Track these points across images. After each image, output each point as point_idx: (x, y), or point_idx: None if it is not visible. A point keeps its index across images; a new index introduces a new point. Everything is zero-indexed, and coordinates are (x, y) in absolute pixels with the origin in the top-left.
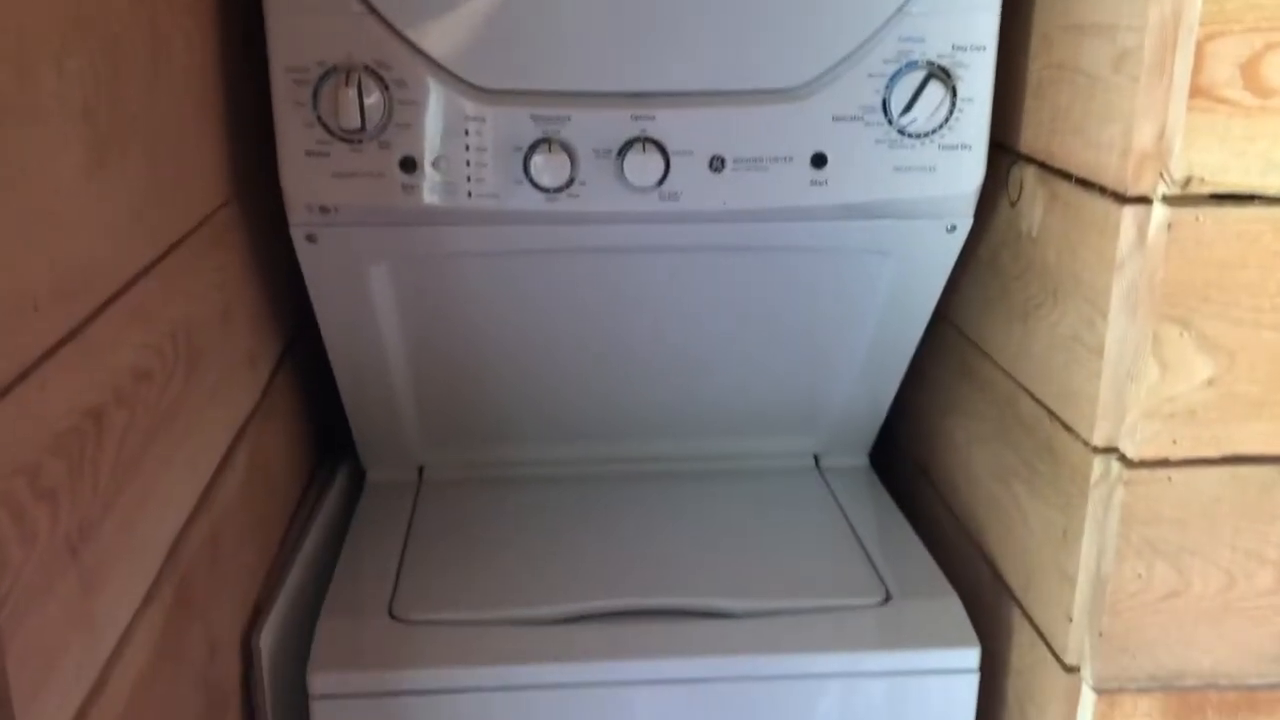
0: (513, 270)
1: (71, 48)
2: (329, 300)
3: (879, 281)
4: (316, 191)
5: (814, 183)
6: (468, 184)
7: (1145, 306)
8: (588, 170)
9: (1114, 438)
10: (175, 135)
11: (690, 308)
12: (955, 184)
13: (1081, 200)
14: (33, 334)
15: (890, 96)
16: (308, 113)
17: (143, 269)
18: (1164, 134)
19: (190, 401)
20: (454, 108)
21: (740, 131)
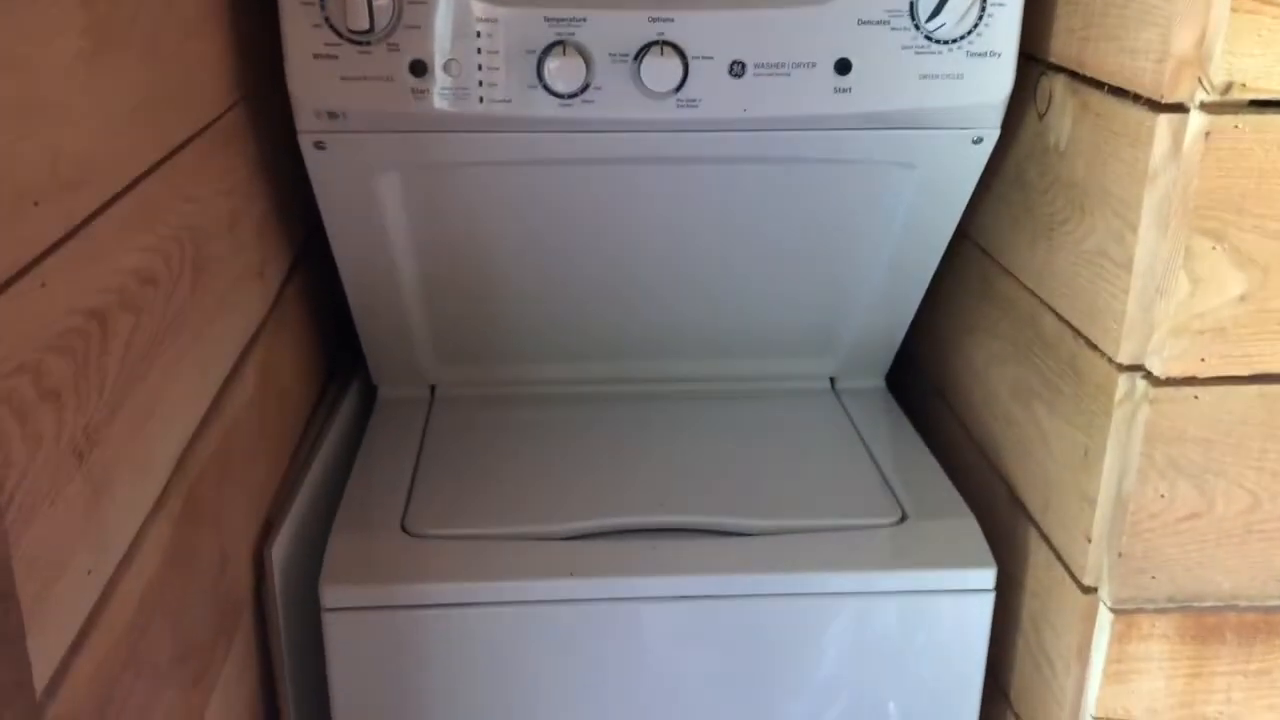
0: (526, 181)
1: None
2: (338, 211)
3: (901, 195)
4: (325, 96)
5: (837, 90)
6: (479, 89)
7: (1178, 219)
8: (603, 75)
9: (1140, 355)
10: (179, 32)
11: (708, 223)
12: (983, 93)
13: (1114, 110)
14: (32, 229)
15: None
16: (315, 13)
17: (146, 169)
18: (1204, 38)
19: (198, 309)
20: (465, 9)
21: (762, 35)
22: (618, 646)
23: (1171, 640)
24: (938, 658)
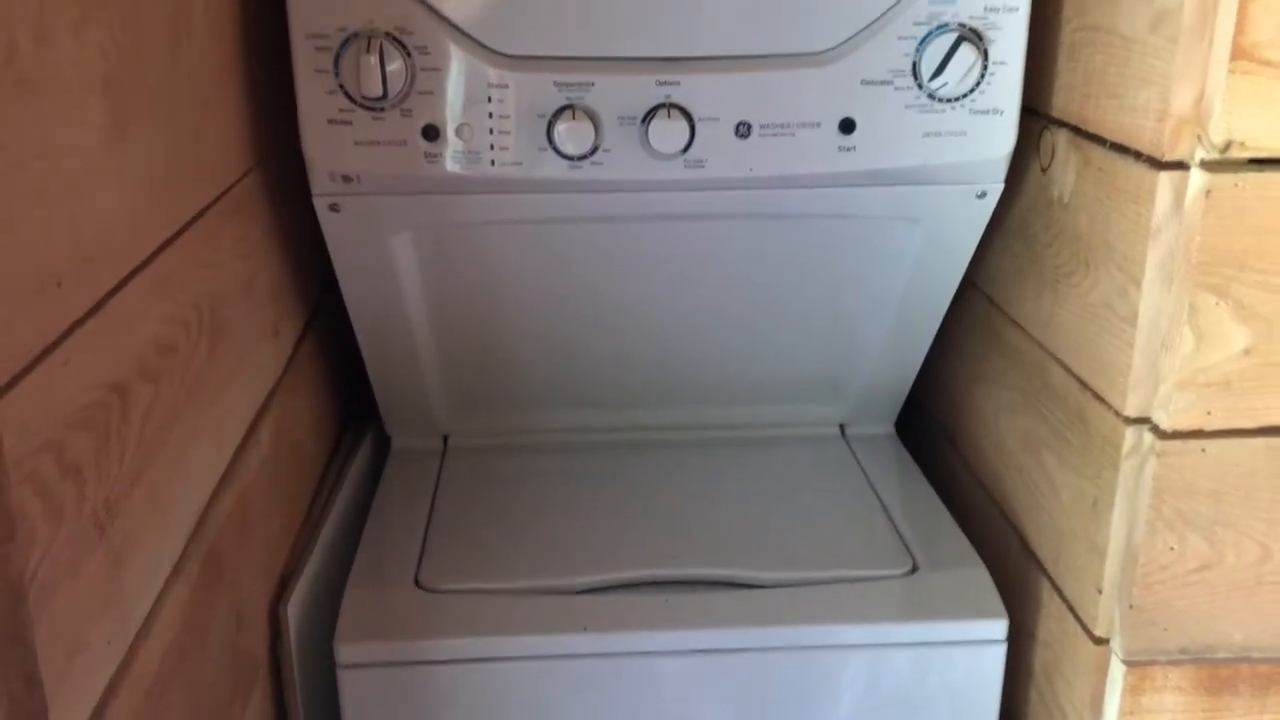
0: (536, 237)
1: (91, 18)
2: (352, 269)
3: (907, 248)
4: (339, 160)
5: (842, 148)
6: (491, 152)
7: (1181, 274)
8: (612, 137)
9: (1147, 408)
10: (196, 104)
11: (716, 276)
12: (986, 149)
13: (1116, 165)
14: (56, 310)
15: (920, 60)
16: (329, 80)
17: (165, 241)
18: (1203, 97)
19: (215, 373)
20: (476, 74)
21: (767, 97)
22: (632, 700)
23: (1185, 692)
24: (951, 709)
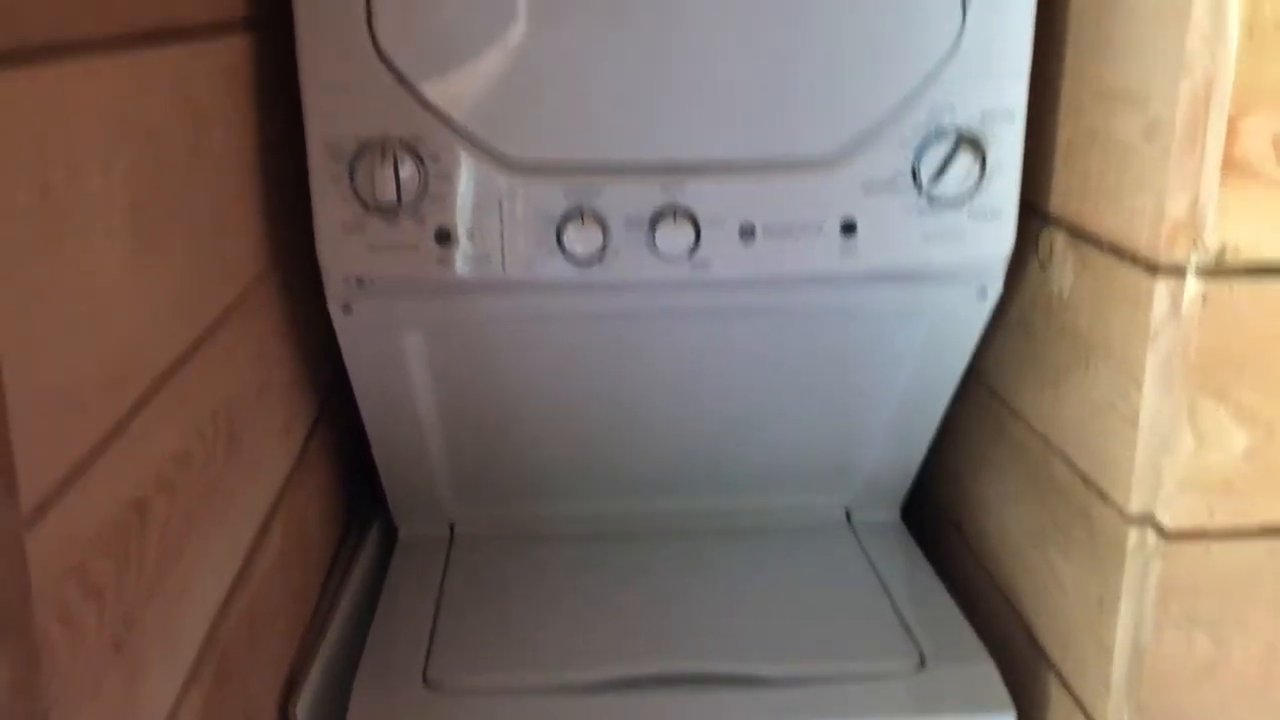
0: (544, 334)
1: (118, 148)
2: (364, 367)
3: (909, 343)
4: (353, 264)
5: (844, 250)
6: (501, 254)
7: (1180, 378)
8: (619, 240)
9: (1150, 507)
10: (214, 216)
11: (720, 368)
12: (985, 250)
13: (1113, 267)
14: (81, 435)
15: (920, 165)
16: (344, 187)
17: (183, 353)
18: (1196, 206)
19: (229, 478)
20: (488, 180)
21: (770, 200)
22: None
23: None
24: None
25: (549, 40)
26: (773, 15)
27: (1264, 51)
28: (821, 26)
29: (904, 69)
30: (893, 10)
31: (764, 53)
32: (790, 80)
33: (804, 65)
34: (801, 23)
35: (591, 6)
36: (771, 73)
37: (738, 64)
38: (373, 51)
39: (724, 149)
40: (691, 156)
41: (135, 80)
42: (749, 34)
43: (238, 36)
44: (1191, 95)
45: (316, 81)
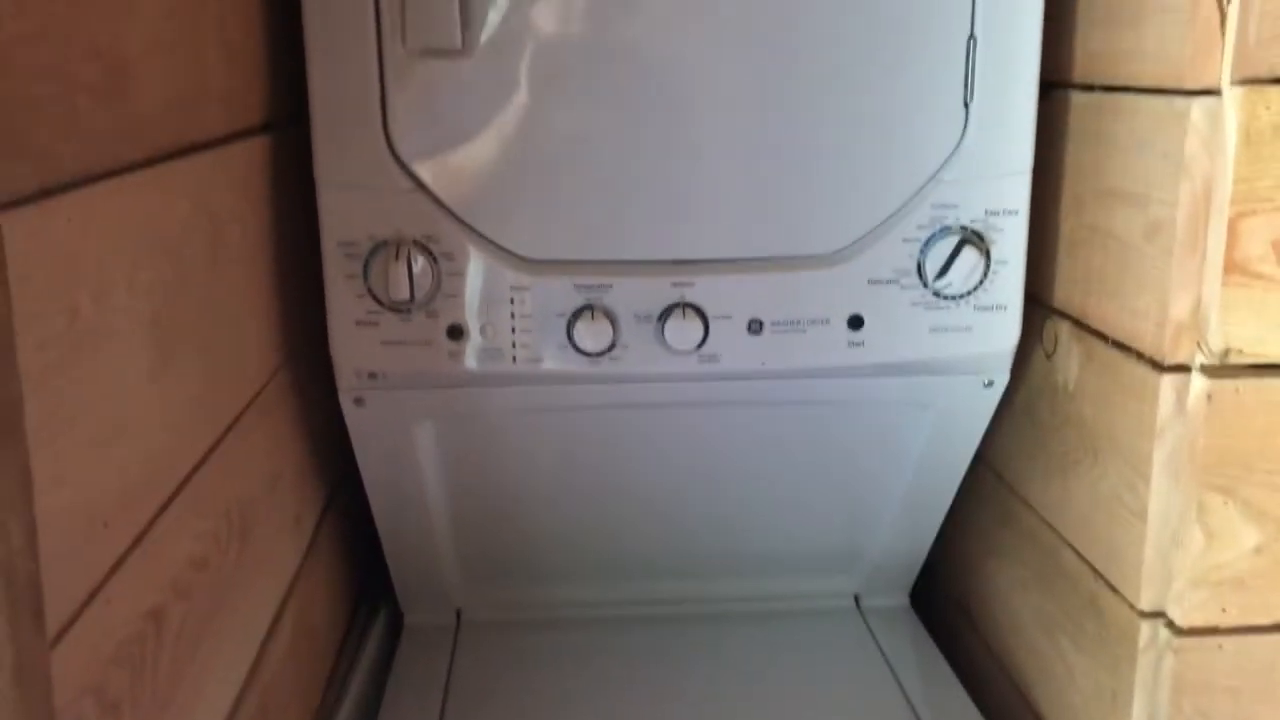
0: (554, 424)
1: (142, 262)
2: (374, 458)
3: (916, 432)
4: (366, 359)
5: (851, 344)
6: (512, 349)
7: (1187, 474)
8: (629, 335)
9: (1161, 602)
10: (231, 319)
11: (729, 456)
12: (991, 343)
13: (1118, 362)
14: (103, 552)
15: (925, 260)
16: (358, 284)
17: (201, 458)
18: (1199, 306)
19: (241, 575)
20: (500, 278)
21: (778, 295)
22: None
23: None
24: None
25: (560, 142)
26: (779, 117)
27: (1261, 157)
28: (827, 127)
29: (908, 169)
30: (897, 111)
31: (771, 153)
32: (797, 179)
33: (810, 165)
34: (808, 124)
35: (601, 109)
36: (778, 172)
37: (745, 164)
38: (388, 154)
39: (732, 246)
40: (700, 254)
41: (158, 194)
42: (756, 135)
43: (255, 139)
44: (1192, 198)
45: (331, 182)
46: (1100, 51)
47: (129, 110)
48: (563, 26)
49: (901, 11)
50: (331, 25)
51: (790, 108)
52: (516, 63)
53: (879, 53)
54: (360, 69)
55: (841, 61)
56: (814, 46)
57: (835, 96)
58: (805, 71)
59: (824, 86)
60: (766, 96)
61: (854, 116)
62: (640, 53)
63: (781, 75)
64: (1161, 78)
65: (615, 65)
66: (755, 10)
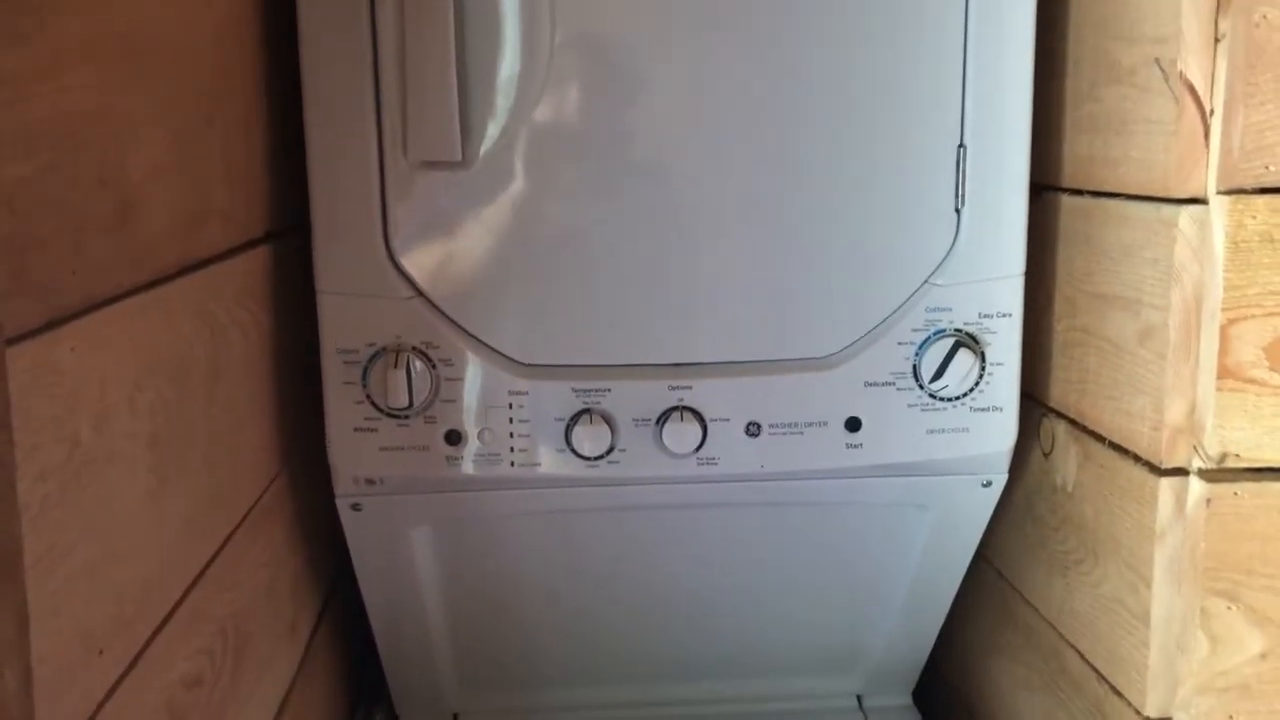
0: (552, 527)
1: (143, 383)
2: (371, 562)
3: (916, 531)
4: (364, 465)
5: (849, 445)
6: (510, 454)
7: (1189, 579)
8: (627, 438)
9: (1167, 708)
10: (231, 429)
11: (729, 557)
12: (988, 444)
13: (1116, 464)
14: (98, 678)
15: (920, 363)
16: (357, 391)
17: (197, 575)
18: (1195, 410)
19: (238, 691)
20: (498, 383)
21: (775, 398)
22: None
23: None
24: None
25: (557, 248)
26: (775, 222)
27: (1249, 264)
28: (823, 232)
29: (903, 273)
30: (891, 217)
31: (767, 257)
32: (793, 283)
33: (806, 269)
34: (803, 229)
35: (598, 216)
36: (774, 276)
37: (741, 268)
38: (388, 262)
39: (729, 350)
40: (698, 357)
41: (161, 314)
42: (752, 239)
43: (257, 248)
44: (1183, 304)
45: (332, 290)
46: (1089, 157)
47: (133, 237)
48: (560, 137)
49: (893, 121)
50: (334, 138)
51: (786, 213)
52: (514, 172)
53: (872, 160)
54: (362, 180)
55: (836, 168)
56: (810, 154)
57: (830, 202)
58: (800, 178)
59: (819, 192)
60: (763, 202)
61: (849, 222)
62: (637, 160)
63: (777, 181)
64: (1149, 185)
65: (612, 173)
66: (752, 118)
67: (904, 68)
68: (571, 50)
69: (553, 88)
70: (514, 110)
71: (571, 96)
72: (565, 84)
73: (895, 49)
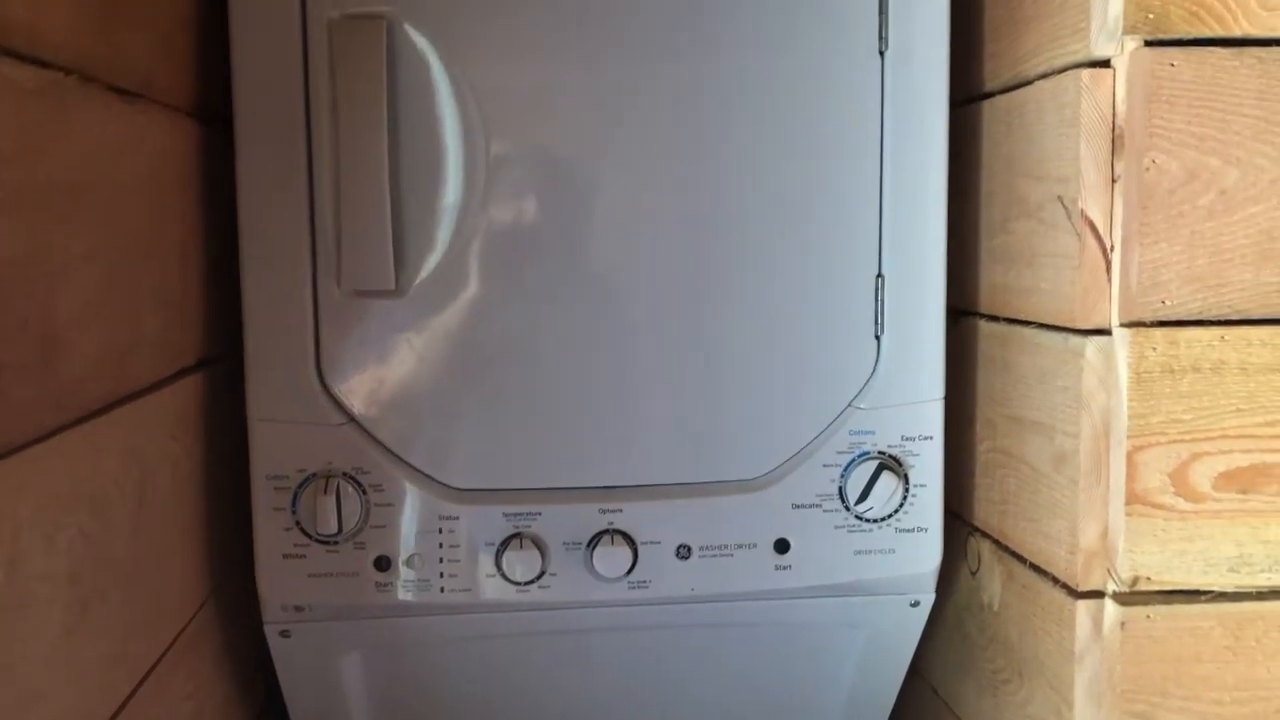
0: (484, 652)
1: (63, 523)
2: (300, 689)
3: (848, 651)
4: (292, 592)
5: (778, 567)
6: (440, 579)
7: (1109, 700)
8: (558, 562)
9: None
10: (156, 559)
11: (663, 678)
12: (914, 564)
13: (1037, 585)
14: None
15: (846, 485)
16: (286, 517)
17: (116, 710)
18: (1107, 534)
19: None
20: (429, 508)
21: (705, 521)
22: None
23: None
24: None
25: (488, 374)
26: (701, 348)
27: (1152, 394)
28: (748, 358)
29: (826, 397)
30: (814, 343)
31: (695, 382)
32: (720, 407)
33: (733, 393)
34: (729, 354)
35: (527, 343)
36: (702, 400)
37: (670, 392)
38: (320, 389)
39: (659, 473)
40: (627, 480)
41: (85, 452)
42: (680, 365)
43: (188, 377)
44: (1092, 431)
45: (263, 418)
46: (1004, 285)
47: (58, 376)
48: (492, 266)
49: (815, 251)
50: (269, 266)
51: (713, 337)
52: (446, 299)
53: (796, 288)
54: (295, 308)
55: (762, 294)
56: (736, 281)
57: (757, 327)
58: (727, 304)
59: (745, 317)
60: (691, 326)
61: (775, 346)
62: (569, 288)
63: (704, 307)
64: (1058, 315)
65: (543, 300)
66: (681, 247)
67: (825, 201)
68: (506, 181)
69: (485, 218)
70: (447, 239)
71: (504, 227)
72: (498, 214)
73: (817, 183)
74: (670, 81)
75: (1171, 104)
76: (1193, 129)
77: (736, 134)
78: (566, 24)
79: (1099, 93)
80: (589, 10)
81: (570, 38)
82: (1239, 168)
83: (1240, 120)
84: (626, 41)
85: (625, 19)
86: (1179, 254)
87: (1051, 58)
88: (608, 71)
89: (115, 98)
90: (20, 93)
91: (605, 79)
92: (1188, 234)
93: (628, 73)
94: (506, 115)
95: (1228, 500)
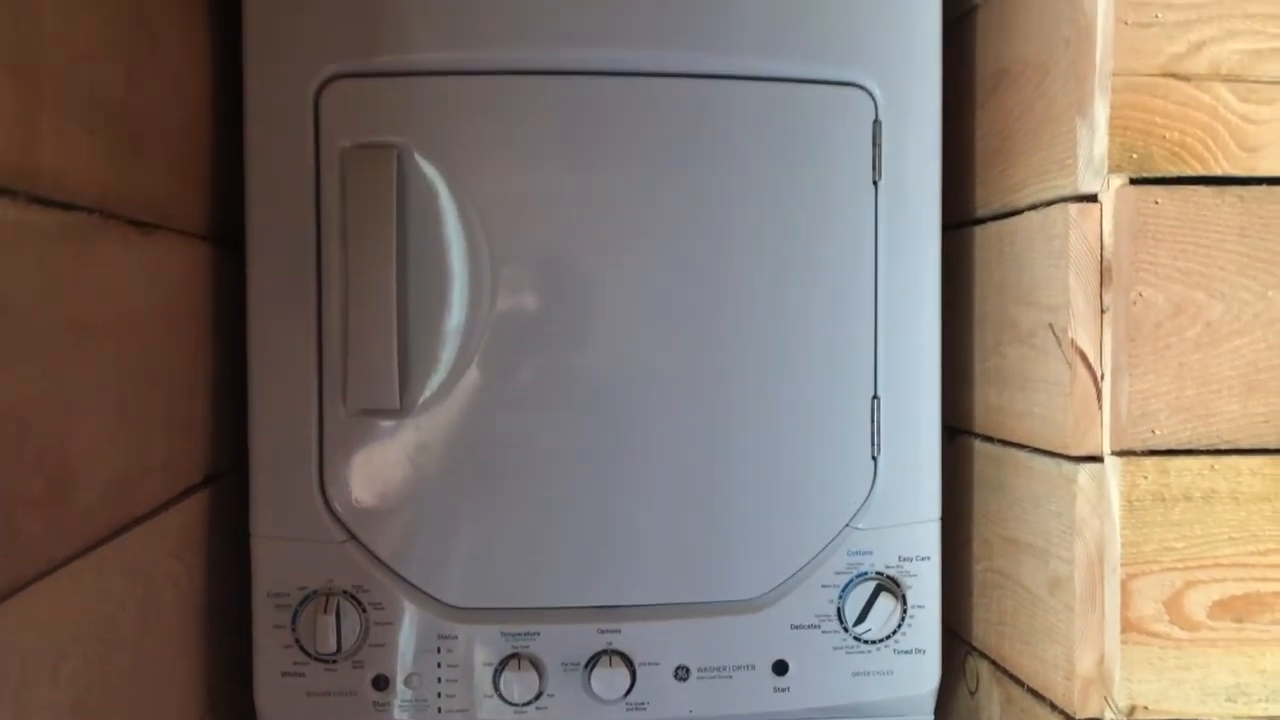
0: None
1: (68, 653)
2: None
3: None
4: (290, 711)
5: (777, 689)
6: (438, 699)
7: None
8: (556, 683)
9: None
10: (157, 680)
11: None
12: (912, 686)
13: (1035, 710)
14: None
15: (844, 606)
16: (286, 635)
17: None
18: (1103, 662)
19: None
20: (428, 627)
21: (704, 641)
22: None
23: None
24: None
25: (490, 493)
26: (699, 468)
27: (1144, 522)
28: (746, 477)
29: (824, 518)
30: (811, 464)
31: (693, 502)
32: (718, 527)
33: (731, 513)
34: (727, 474)
35: (529, 463)
36: (700, 520)
37: (668, 512)
38: (323, 507)
39: (657, 592)
40: (626, 599)
41: (93, 580)
42: (678, 484)
43: (195, 495)
44: (1087, 557)
45: (266, 535)
46: (998, 407)
47: (68, 511)
48: (496, 387)
49: (813, 373)
50: (276, 385)
51: (713, 458)
52: (450, 419)
53: (794, 409)
54: (301, 427)
55: (757, 417)
56: (735, 403)
57: (756, 447)
58: (727, 425)
59: (745, 438)
60: (691, 447)
61: (773, 467)
62: (573, 409)
63: (704, 429)
64: (1051, 441)
65: (546, 421)
66: (682, 372)
67: (822, 324)
68: (510, 305)
69: (489, 340)
70: (451, 359)
71: (507, 348)
72: (501, 336)
73: (814, 306)
74: (671, 209)
75: (1157, 239)
76: (1178, 264)
77: (737, 260)
78: (574, 151)
79: (1087, 226)
80: (598, 142)
81: (579, 163)
82: (1224, 301)
83: (1224, 255)
84: (629, 178)
85: (628, 159)
86: (1168, 385)
87: (1041, 190)
88: (612, 202)
89: (134, 231)
90: (45, 237)
91: (609, 209)
92: (1176, 365)
93: (630, 204)
94: (512, 239)
95: (1223, 629)
